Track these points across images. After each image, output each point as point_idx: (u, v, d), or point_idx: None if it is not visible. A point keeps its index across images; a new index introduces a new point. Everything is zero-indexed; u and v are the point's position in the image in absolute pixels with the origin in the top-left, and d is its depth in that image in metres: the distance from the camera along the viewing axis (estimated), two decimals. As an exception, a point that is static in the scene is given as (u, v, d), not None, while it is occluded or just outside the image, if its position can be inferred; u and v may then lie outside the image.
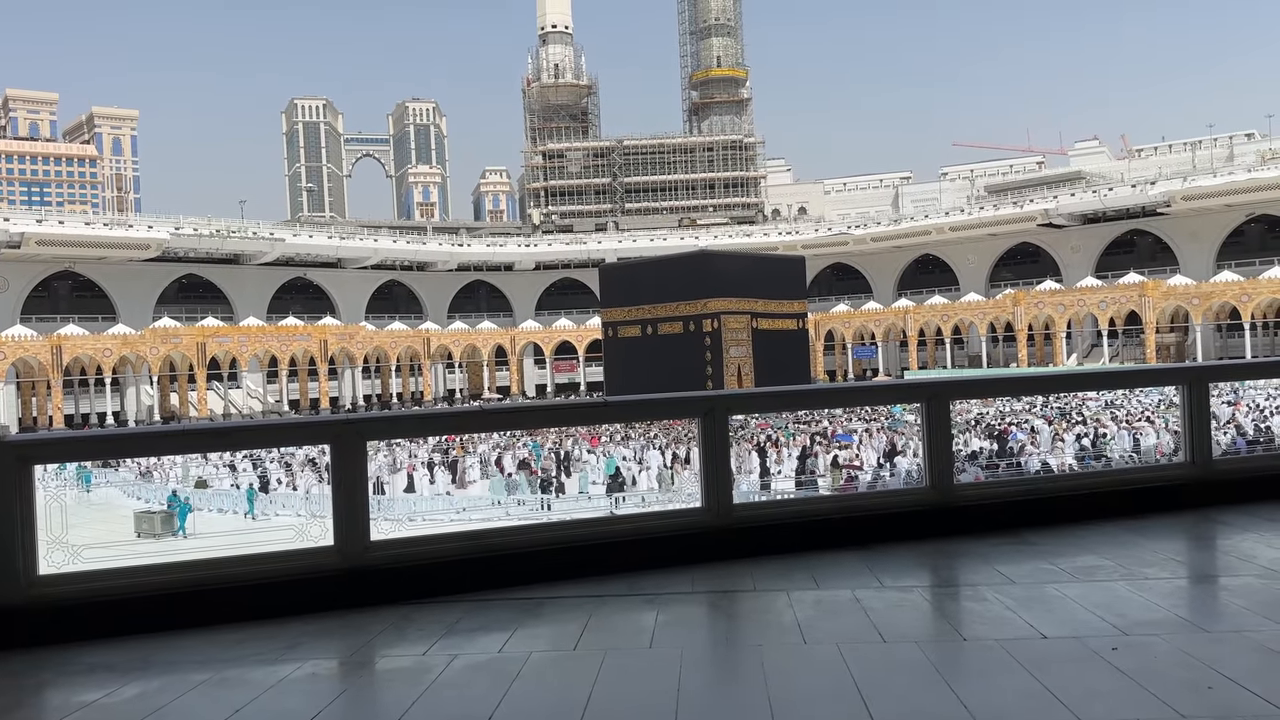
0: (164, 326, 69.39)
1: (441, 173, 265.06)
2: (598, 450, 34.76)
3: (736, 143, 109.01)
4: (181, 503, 26.13)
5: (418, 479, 30.26)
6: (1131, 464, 21.83)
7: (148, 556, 5.02)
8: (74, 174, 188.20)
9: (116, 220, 79.83)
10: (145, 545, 21.29)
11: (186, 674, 4.07)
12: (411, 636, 4.46)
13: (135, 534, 23.44)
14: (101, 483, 32.08)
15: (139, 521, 24.64)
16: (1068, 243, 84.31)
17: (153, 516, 24.94)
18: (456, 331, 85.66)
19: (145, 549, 17.48)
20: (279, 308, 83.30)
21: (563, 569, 5.30)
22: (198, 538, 22.15)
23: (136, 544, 20.91)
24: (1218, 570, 5.36)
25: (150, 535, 23.53)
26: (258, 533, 5.26)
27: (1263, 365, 9.97)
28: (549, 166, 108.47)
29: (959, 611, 4.68)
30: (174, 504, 26.03)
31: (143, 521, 24.65)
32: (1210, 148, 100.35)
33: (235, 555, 4.98)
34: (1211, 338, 69.66)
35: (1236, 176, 73.80)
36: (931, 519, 6.02)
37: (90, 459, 22.80)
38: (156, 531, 23.89)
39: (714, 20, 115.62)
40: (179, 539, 23.27)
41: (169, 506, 25.96)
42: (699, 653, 4.16)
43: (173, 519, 24.69)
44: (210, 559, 4.93)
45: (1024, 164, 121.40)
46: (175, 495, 27.26)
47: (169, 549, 4.49)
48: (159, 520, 24.58)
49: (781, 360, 52.80)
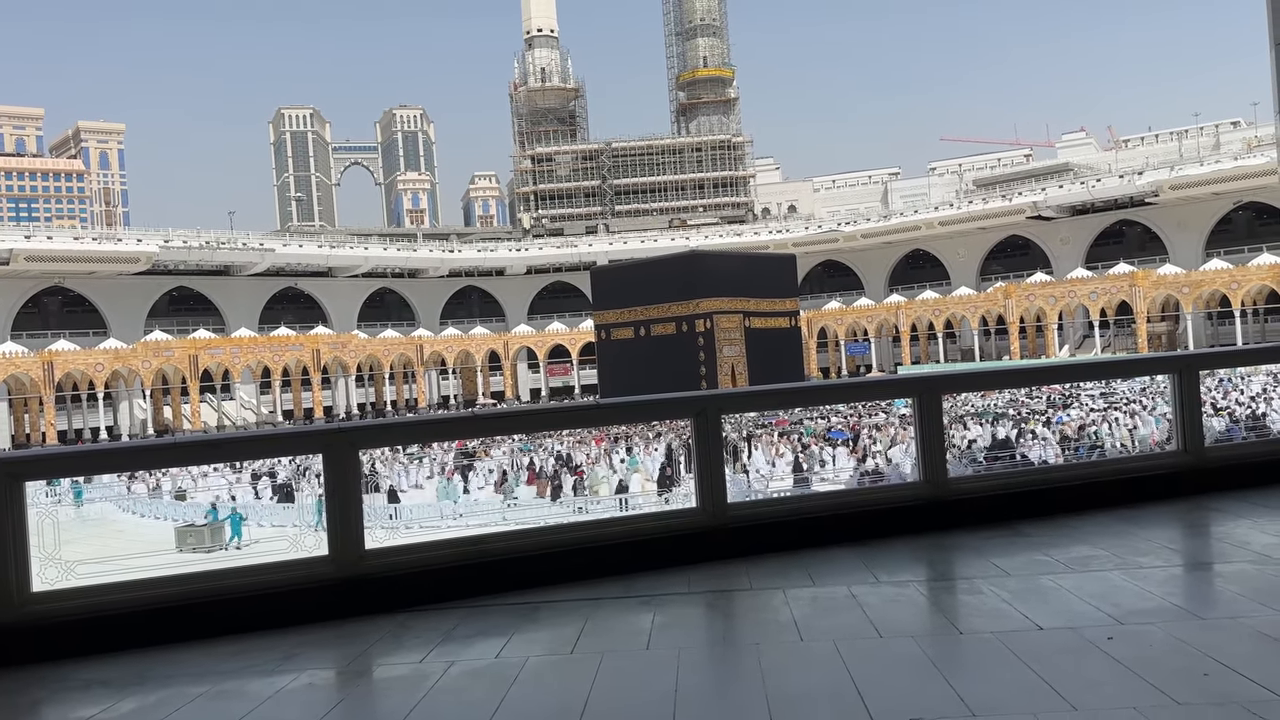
0: (155, 340, 69.15)
1: (431, 179, 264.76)
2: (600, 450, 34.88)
3: (725, 142, 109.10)
4: (234, 513, 25.76)
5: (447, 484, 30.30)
6: (1125, 453, 21.90)
7: (144, 570, 5.00)
8: (61, 189, 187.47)
9: (105, 234, 79.55)
10: (140, 560, 20.99)
11: (183, 687, 4.06)
12: (408, 644, 4.46)
13: (177, 549, 22.48)
14: (95, 498, 31.88)
15: (182, 536, 23.77)
16: (1057, 235, 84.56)
17: (200, 530, 24.09)
18: (449, 338, 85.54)
19: (143, 563, 17.24)
20: (270, 318, 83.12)
21: (559, 573, 5.30)
22: (254, 546, 22.02)
23: (130, 559, 20.61)
24: (1212, 557, 5.38)
25: (201, 549, 22.63)
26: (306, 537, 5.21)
27: (1252, 352, 10.02)
28: (538, 170, 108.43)
29: (955, 605, 4.69)
30: (211, 516, 25.16)
31: (188, 536, 23.75)
32: (1197, 137, 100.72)
33: (230, 567, 4.97)
34: (1202, 326, 69.91)
35: (1223, 165, 74.09)
36: (926, 513, 6.03)
37: (82, 474, 22.50)
38: (206, 545, 23.04)
39: (699, 21, 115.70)
40: (225, 550, 22.72)
41: (211, 519, 25.03)
42: (696, 653, 4.16)
43: (222, 531, 23.96)
44: (206, 571, 4.92)
45: (1012, 157, 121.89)
46: (215, 508, 26.26)
47: (170, 561, 4.44)
48: (207, 533, 23.74)
49: (775, 359, 52.88)
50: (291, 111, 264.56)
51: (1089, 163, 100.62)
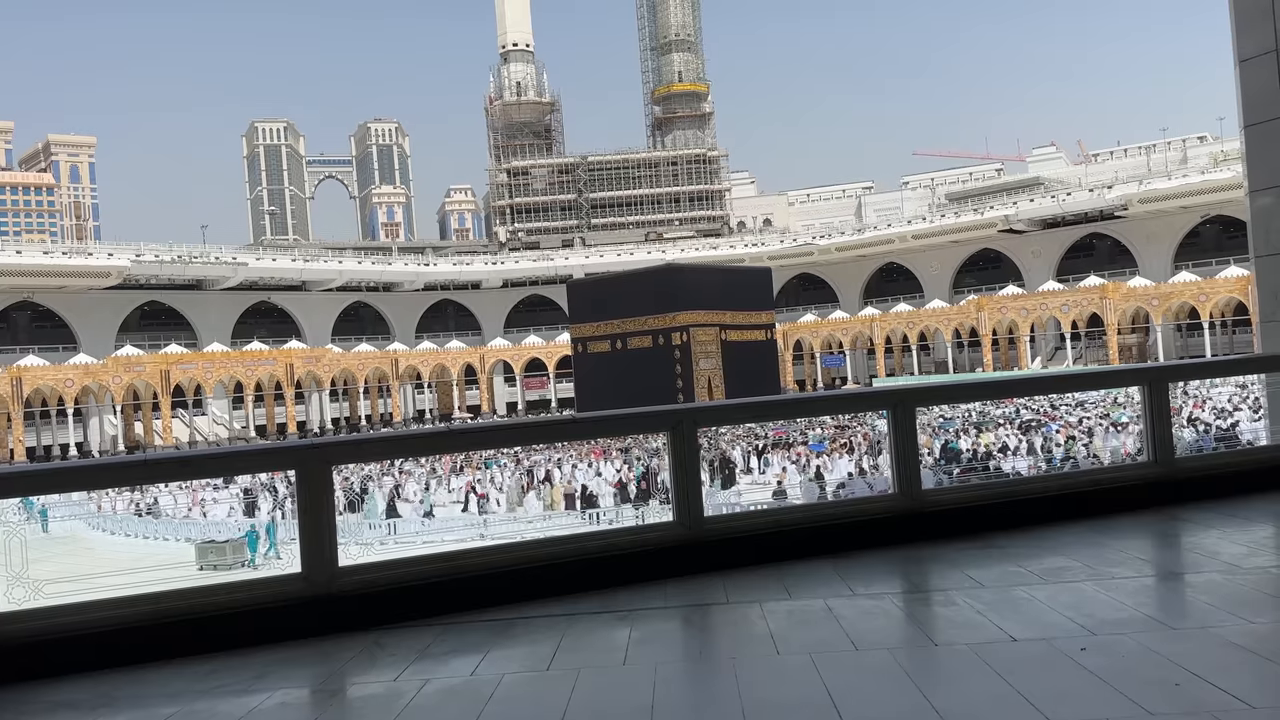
0: (126, 355, 68.40)
1: (406, 192, 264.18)
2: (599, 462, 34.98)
3: (700, 156, 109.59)
4: (270, 523, 25.37)
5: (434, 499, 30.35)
6: (1096, 465, 22.10)
7: (113, 589, 4.92)
8: (31, 203, 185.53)
9: (76, 249, 78.70)
10: (110, 579, 20.65)
11: (153, 708, 4.00)
12: (383, 662, 4.41)
13: (198, 567, 22.25)
14: (66, 515, 31.43)
15: (202, 553, 23.50)
16: (1028, 248, 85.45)
17: (221, 547, 23.78)
18: (425, 351, 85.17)
19: (112, 581, 16.99)
20: (243, 333, 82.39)
21: (535, 588, 5.27)
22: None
23: (95, 577, 20.24)
24: (1183, 568, 5.43)
25: (222, 566, 22.33)
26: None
27: (1220, 364, 10.16)
28: (514, 184, 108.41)
29: (930, 617, 4.71)
30: (249, 536, 24.65)
31: (208, 553, 23.45)
32: (1165, 151, 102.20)
33: (201, 585, 4.91)
34: (1172, 338, 70.80)
35: (1190, 179, 75.21)
36: (901, 525, 6.05)
37: (48, 492, 22.17)
38: (226, 562, 22.76)
39: (674, 36, 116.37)
40: (249, 569, 22.37)
41: (246, 536, 24.56)
42: (673, 668, 4.15)
43: (243, 547, 23.64)
44: (176, 590, 4.85)
45: (983, 171, 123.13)
46: (254, 530, 25.72)
47: (140, 580, 4.34)
48: (229, 550, 23.45)
49: (751, 371, 53.07)
50: (265, 125, 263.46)
51: (1059, 177, 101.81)
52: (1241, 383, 40.11)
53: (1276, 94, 8.13)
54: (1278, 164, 8.25)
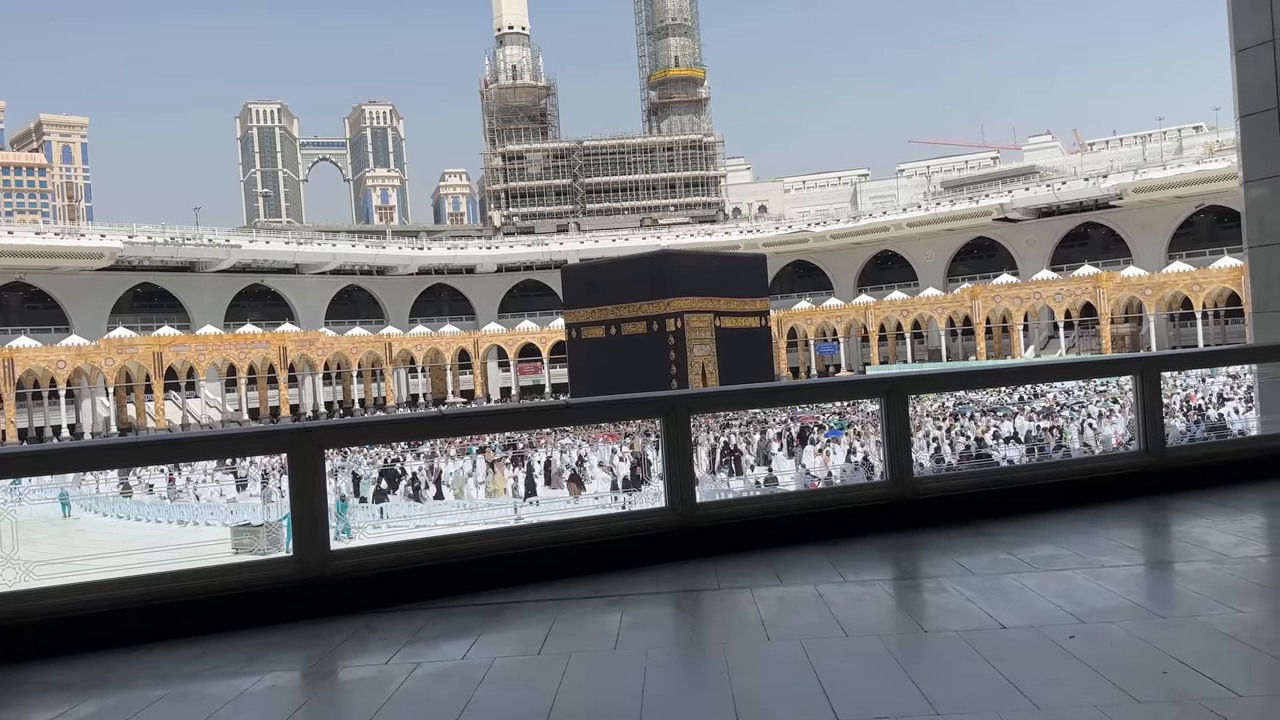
0: (119, 337, 68.11)
1: (400, 176, 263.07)
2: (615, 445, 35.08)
3: (696, 142, 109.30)
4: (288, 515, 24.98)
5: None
6: (1088, 453, 22.18)
7: (105, 571, 4.92)
8: (23, 183, 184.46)
9: (68, 229, 78.30)
10: (102, 561, 20.47)
11: (144, 690, 4.00)
12: (374, 646, 4.42)
13: (233, 550, 21.80)
14: (50, 498, 31.18)
15: (237, 535, 23.13)
16: (1023, 236, 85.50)
17: (256, 530, 23.38)
18: (418, 336, 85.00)
19: (104, 563, 16.84)
20: (237, 315, 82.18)
21: (527, 573, 5.28)
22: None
23: (90, 559, 20.06)
24: (1172, 556, 5.45)
25: (256, 551, 21.58)
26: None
27: (1212, 353, 10.17)
28: (509, 168, 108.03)
29: (920, 604, 4.73)
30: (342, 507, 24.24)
31: (242, 535, 23.08)
32: (1160, 141, 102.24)
33: (193, 568, 4.91)
34: (1165, 327, 71.00)
35: (1185, 169, 75.27)
36: (893, 512, 6.07)
37: (36, 474, 22.08)
38: (262, 548, 22.09)
39: (671, 20, 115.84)
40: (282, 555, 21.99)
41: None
42: (664, 653, 4.16)
43: (279, 531, 22.76)
44: (168, 572, 4.84)
45: (979, 159, 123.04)
46: (343, 499, 25.39)
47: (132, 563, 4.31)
48: (263, 534, 22.94)
49: (745, 358, 53.07)
50: (259, 106, 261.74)
51: (1055, 165, 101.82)
52: (1233, 373, 40.21)
53: (1272, 84, 8.13)
54: (1273, 154, 8.25)
